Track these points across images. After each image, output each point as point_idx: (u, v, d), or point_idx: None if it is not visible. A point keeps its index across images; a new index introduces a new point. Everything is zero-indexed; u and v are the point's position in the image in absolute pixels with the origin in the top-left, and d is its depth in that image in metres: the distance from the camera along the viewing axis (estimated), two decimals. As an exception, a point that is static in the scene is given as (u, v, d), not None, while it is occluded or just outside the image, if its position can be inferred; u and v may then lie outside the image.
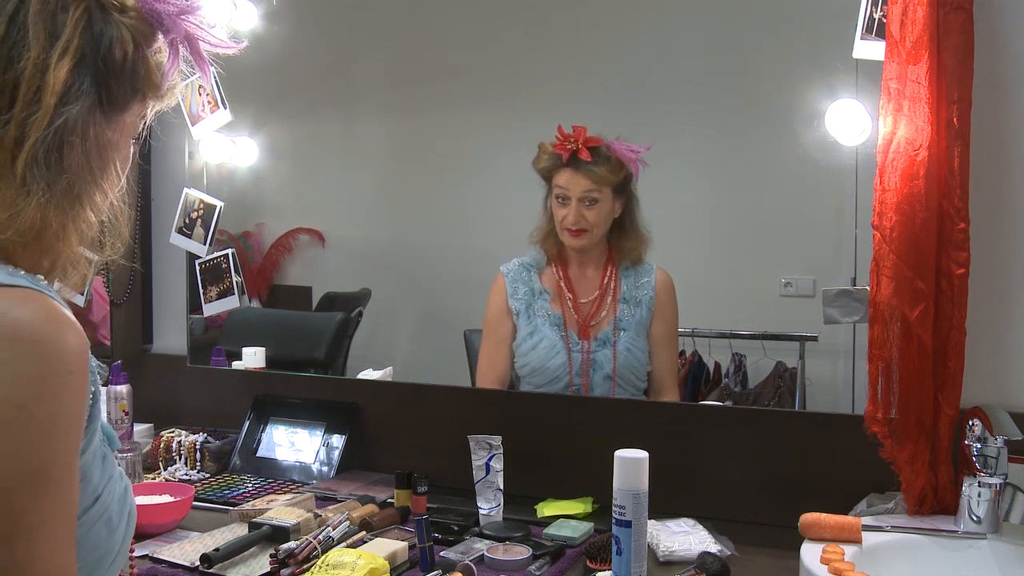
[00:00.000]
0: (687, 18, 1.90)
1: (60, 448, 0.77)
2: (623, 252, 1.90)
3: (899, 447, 1.44)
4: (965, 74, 1.42)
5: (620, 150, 1.85)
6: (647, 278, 1.89)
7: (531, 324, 1.92)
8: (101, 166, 0.88)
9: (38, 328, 0.75)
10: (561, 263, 1.93)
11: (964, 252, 1.42)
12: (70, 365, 0.76)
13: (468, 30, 2.12)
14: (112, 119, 0.88)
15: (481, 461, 1.64)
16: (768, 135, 1.80)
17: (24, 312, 0.76)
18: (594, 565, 1.43)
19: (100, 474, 0.87)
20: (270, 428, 2.07)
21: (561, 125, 1.85)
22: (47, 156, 0.81)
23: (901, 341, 1.42)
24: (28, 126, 0.81)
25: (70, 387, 0.77)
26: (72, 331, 0.78)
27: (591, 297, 1.91)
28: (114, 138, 0.89)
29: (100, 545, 0.86)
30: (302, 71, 2.33)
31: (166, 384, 2.30)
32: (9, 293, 0.77)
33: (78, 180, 0.85)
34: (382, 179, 2.27)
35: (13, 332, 0.74)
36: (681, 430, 1.73)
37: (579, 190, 1.85)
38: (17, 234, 0.81)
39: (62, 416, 0.76)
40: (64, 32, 0.83)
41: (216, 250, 2.19)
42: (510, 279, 1.95)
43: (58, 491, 0.77)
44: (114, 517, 0.89)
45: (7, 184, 0.80)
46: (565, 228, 1.88)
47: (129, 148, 0.94)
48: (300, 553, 1.40)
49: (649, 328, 1.88)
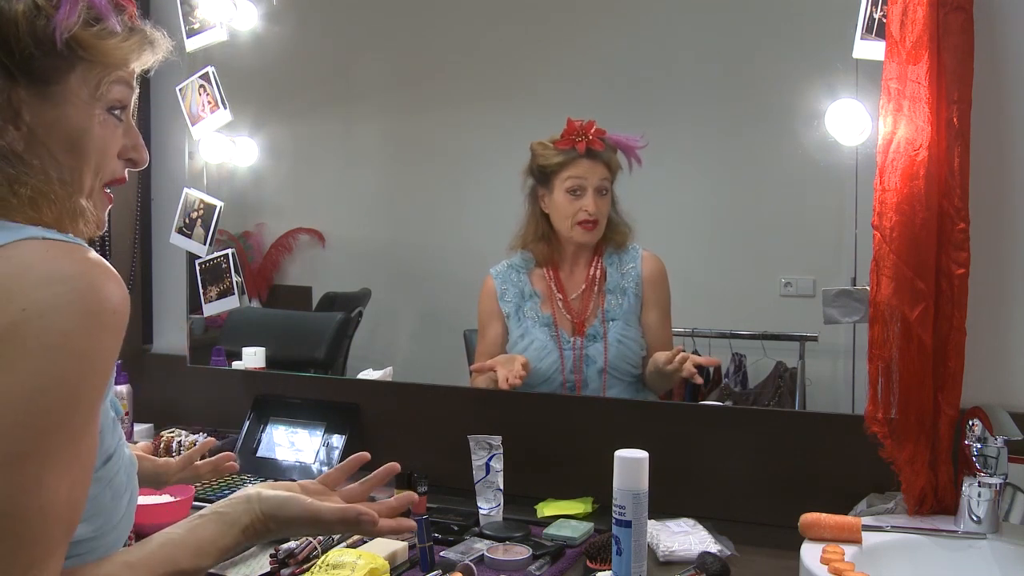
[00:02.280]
0: (687, 18, 1.90)
1: (93, 384, 0.79)
2: (608, 242, 1.91)
3: (899, 447, 1.44)
4: (965, 74, 1.42)
5: (621, 140, 1.87)
6: (632, 264, 1.89)
7: (521, 326, 1.92)
8: (61, 147, 0.86)
9: (84, 271, 0.79)
10: (552, 264, 1.93)
11: (964, 252, 1.42)
12: (113, 307, 0.79)
13: (468, 30, 2.12)
14: (45, 93, 0.84)
15: (481, 461, 1.64)
16: (768, 135, 1.80)
17: (69, 260, 0.79)
18: (594, 565, 1.43)
19: (112, 435, 0.88)
20: (270, 428, 2.07)
21: (570, 118, 1.86)
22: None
23: (901, 341, 1.42)
24: None
25: (111, 327, 0.79)
26: (115, 282, 0.81)
27: (578, 292, 1.91)
28: (64, 113, 0.85)
29: (103, 506, 0.86)
30: (302, 71, 2.33)
31: (166, 384, 2.30)
32: (53, 245, 0.80)
33: (24, 165, 0.84)
34: (382, 179, 2.27)
35: (62, 274, 0.78)
36: (681, 430, 1.73)
37: (596, 179, 1.86)
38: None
39: (100, 353, 0.79)
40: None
41: (216, 250, 2.19)
42: (499, 281, 1.95)
43: (83, 424, 0.79)
44: (120, 486, 0.89)
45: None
46: (578, 221, 1.87)
47: (101, 121, 0.89)
48: (300, 553, 1.41)
49: (640, 315, 1.88)
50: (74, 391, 0.77)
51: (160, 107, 2.30)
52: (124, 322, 0.81)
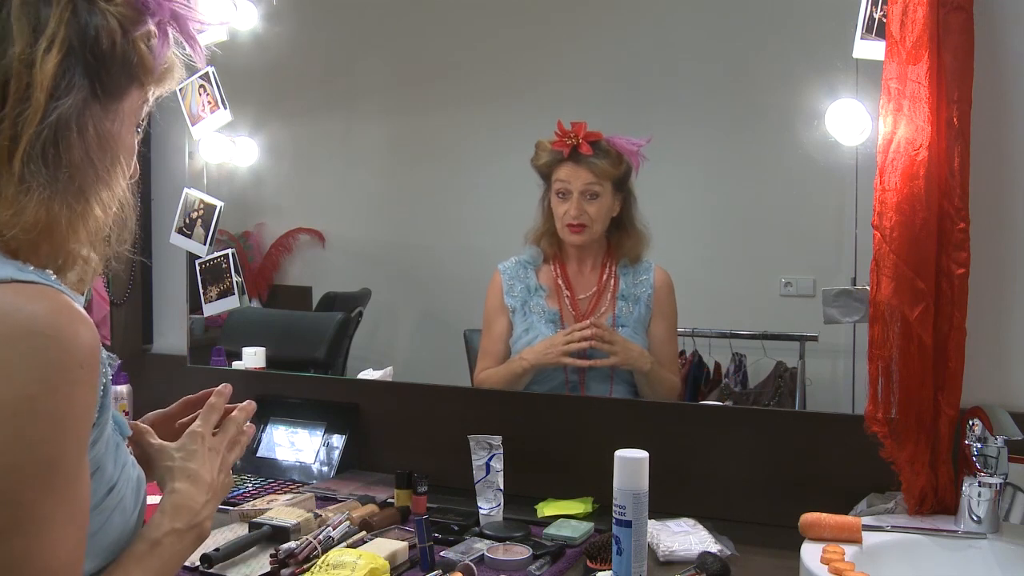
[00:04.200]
0: (687, 18, 1.90)
1: (70, 441, 0.77)
2: (622, 250, 1.90)
3: (899, 447, 1.44)
4: (965, 74, 1.42)
5: (620, 143, 1.86)
6: (645, 276, 1.89)
7: (527, 321, 1.92)
8: (104, 158, 0.87)
9: (50, 322, 0.76)
10: (559, 261, 1.93)
11: (964, 252, 1.42)
12: (81, 359, 0.77)
13: (468, 30, 2.12)
14: (110, 109, 0.88)
15: (481, 461, 1.64)
16: (768, 135, 1.80)
17: (37, 307, 0.76)
18: (594, 565, 1.42)
19: (114, 463, 0.88)
20: (270, 428, 2.07)
21: (561, 121, 1.85)
22: (44, 152, 0.81)
23: (901, 341, 1.42)
24: (20, 124, 0.80)
25: (81, 381, 0.77)
26: (84, 325, 0.79)
27: (589, 293, 1.91)
28: (114, 128, 0.89)
29: (113, 533, 0.86)
30: (302, 71, 2.33)
31: (166, 384, 2.29)
32: (22, 289, 0.77)
33: (79, 174, 0.84)
34: (382, 179, 2.27)
35: (27, 326, 0.75)
36: (681, 430, 1.73)
37: (580, 183, 1.85)
38: (23, 231, 0.81)
39: (72, 409, 0.77)
40: (49, 25, 0.82)
41: (216, 250, 2.19)
42: (507, 276, 1.95)
43: (66, 484, 0.77)
44: (129, 505, 0.89)
45: (7, 182, 0.80)
46: (566, 224, 1.88)
47: (133, 137, 0.94)
48: (300, 553, 1.40)
49: (648, 326, 1.88)
50: (52, 455, 0.75)
51: (160, 107, 2.27)
52: (96, 370, 0.80)
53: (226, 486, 1.05)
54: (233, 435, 1.07)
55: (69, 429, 0.77)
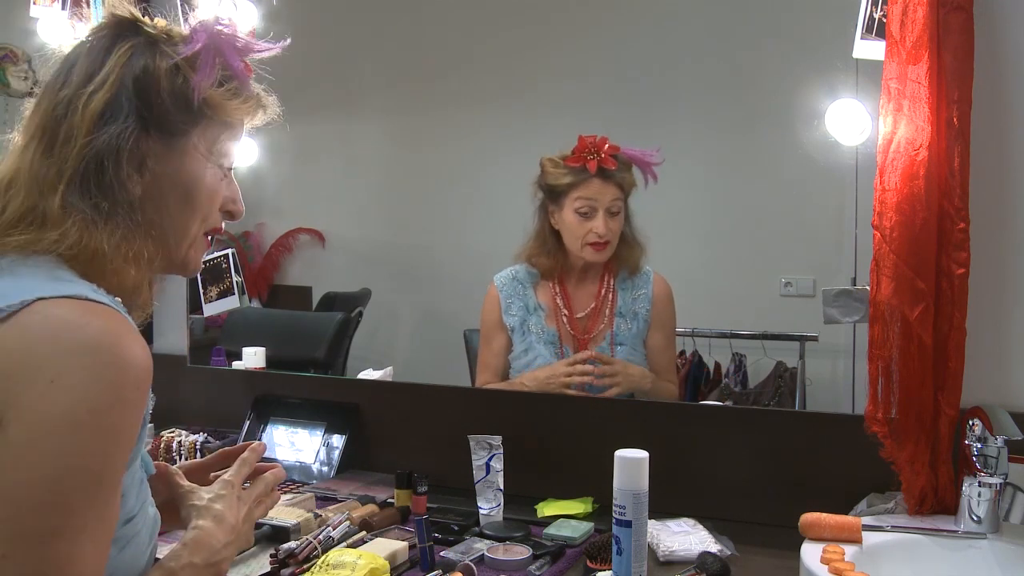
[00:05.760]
0: (687, 18, 1.90)
1: (117, 458, 0.80)
2: (621, 262, 1.88)
3: (899, 447, 1.44)
4: (965, 74, 1.42)
5: (636, 157, 1.83)
6: (644, 289, 1.87)
7: (525, 341, 1.90)
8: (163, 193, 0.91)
9: (115, 343, 0.80)
10: (560, 277, 1.90)
11: (964, 252, 1.42)
12: (138, 381, 0.81)
13: (468, 30, 2.12)
14: (171, 144, 0.92)
15: (481, 461, 1.64)
16: (768, 135, 1.80)
17: (103, 325, 0.80)
18: (594, 565, 1.42)
19: (136, 496, 0.89)
20: (270, 428, 2.07)
21: (582, 135, 1.82)
22: (83, 182, 0.86)
23: (901, 341, 1.42)
24: (66, 157, 0.86)
25: (134, 401, 0.81)
26: (143, 351, 0.82)
27: (587, 311, 1.89)
28: (179, 164, 0.92)
29: (123, 566, 0.87)
30: (302, 71, 2.32)
31: (166, 384, 2.27)
32: (91, 307, 0.81)
33: (125, 205, 0.88)
34: (382, 179, 2.27)
35: (95, 342, 0.79)
36: (681, 430, 1.73)
37: (608, 199, 1.82)
38: (69, 250, 0.85)
39: (124, 427, 0.80)
40: (104, 68, 0.88)
41: (216, 250, 2.19)
42: (504, 294, 1.93)
43: (107, 498, 0.80)
44: (143, 541, 0.90)
45: (52, 207, 0.86)
46: (589, 242, 1.83)
47: (209, 173, 0.96)
48: (300, 553, 1.40)
49: (646, 338, 1.87)
50: (101, 468, 0.78)
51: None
52: (146, 395, 0.83)
53: (248, 537, 1.06)
54: (261, 492, 1.08)
55: (119, 447, 0.80)
